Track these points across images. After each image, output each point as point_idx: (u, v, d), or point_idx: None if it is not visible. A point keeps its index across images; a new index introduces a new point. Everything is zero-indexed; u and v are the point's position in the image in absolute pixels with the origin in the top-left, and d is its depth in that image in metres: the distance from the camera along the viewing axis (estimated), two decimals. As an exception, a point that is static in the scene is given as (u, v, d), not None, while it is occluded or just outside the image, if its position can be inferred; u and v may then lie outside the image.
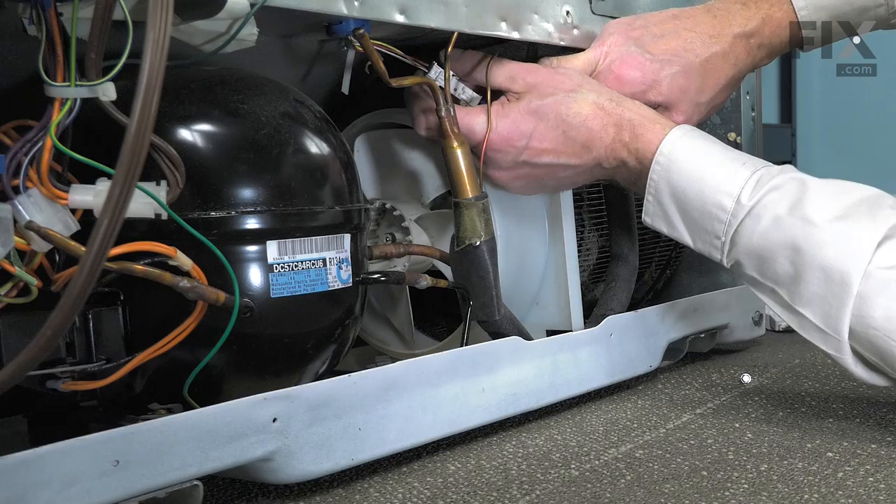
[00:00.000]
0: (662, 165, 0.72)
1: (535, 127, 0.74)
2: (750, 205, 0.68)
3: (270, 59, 0.77)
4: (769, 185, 0.68)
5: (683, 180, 0.71)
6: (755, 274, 0.70)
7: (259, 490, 0.63)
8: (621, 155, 0.74)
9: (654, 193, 0.72)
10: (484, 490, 0.62)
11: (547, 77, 0.76)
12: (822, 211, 0.66)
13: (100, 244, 0.41)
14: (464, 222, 0.75)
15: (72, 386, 0.57)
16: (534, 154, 0.75)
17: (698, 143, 0.72)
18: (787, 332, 1.16)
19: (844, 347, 0.66)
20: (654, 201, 0.73)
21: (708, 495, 0.59)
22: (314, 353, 0.66)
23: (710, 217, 0.70)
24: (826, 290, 0.65)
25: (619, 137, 0.74)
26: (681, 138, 0.72)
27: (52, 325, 0.42)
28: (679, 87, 0.79)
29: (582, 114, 0.74)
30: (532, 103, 0.75)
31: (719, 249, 0.71)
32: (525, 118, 0.74)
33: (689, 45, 0.80)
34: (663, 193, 0.72)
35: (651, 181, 0.72)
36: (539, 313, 0.85)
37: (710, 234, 0.71)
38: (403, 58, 0.73)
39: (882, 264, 0.64)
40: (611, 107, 0.75)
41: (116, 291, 0.59)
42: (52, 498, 0.46)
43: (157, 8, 0.42)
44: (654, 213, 0.73)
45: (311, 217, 0.63)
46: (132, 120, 0.41)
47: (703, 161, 0.71)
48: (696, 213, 0.71)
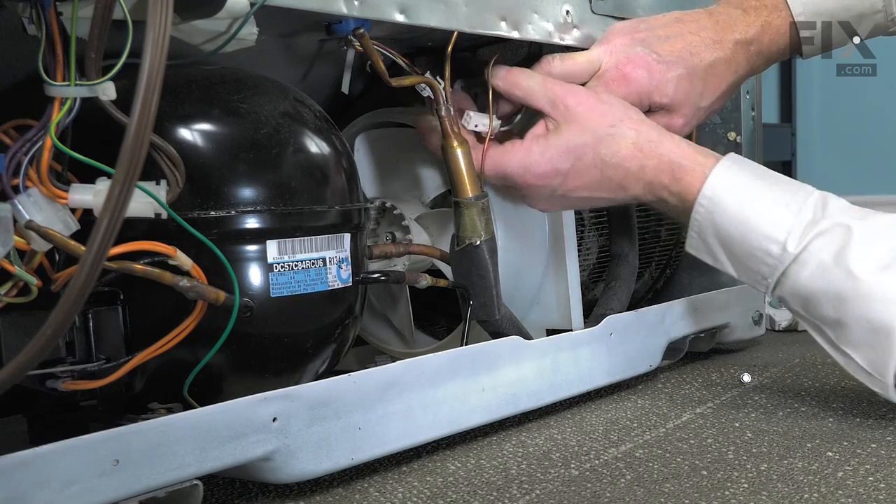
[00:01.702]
0: (706, 207, 0.72)
1: (572, 165, 0.74)
2: (795, 252, 0.69)
3: (270, 58, 0.77)
4: (815, 230, 0.69)
5: (728, 223, 0.71)
6: (801, 310, 0.72)
7: (259, 490, 0.63)
8: (661, 195, 0.75)
9: (697, 230, 0.73)
10: (484, 489, 0.62)
11: (589, 108, 0.75)
12: (865, 263, 0.67)
13: (100, 243, 0.41)
14: (464, 222, 0.75)
15: (72, 385, 0.57)
16: (569, 190, 0.75)
17: (742, 182, 0.72)
18: (787, 331, 1.16)
19: (890, 390, 0.68)
20: (697, 237, 0.74)
21: (708, 495, 0.59)
22: (314, 353, 0.66)
23: (755, 260, 0.71)
24: (871, 339, 0.67)
25: (657, 180, 0.74)
26: (724, 177, 0.72)
27: (52, 325, 0.42)
28: (683, 90, 0.79)
29: (620, 154, 0.74)
30: (571, 141, 0.74)
31: (764, 286, 0.72)
32: (563, 156, 0.74)
33: (694, 49, 0.80)
34: (707, 232, 0.73)
35: (694, 221, 0.73)
36: (539, 313, 0.85)
37: (756, 273, 0.72)
38: (405, 64, 0.73)
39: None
40: (649, 147, 0.74)
41: (116, 291, 0.59)
42: (51, 497, 0.46)
43: (156, 7, 0.42)
44: (697, 246, 0.74)
45: (311, 216, 0.63)
46: (132, 119, 0.41)
47: (747, 205, 0.71)
48: (741, 254, 0.72)
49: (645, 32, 0.80)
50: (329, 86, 0.84)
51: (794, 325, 1.16)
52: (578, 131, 0.74)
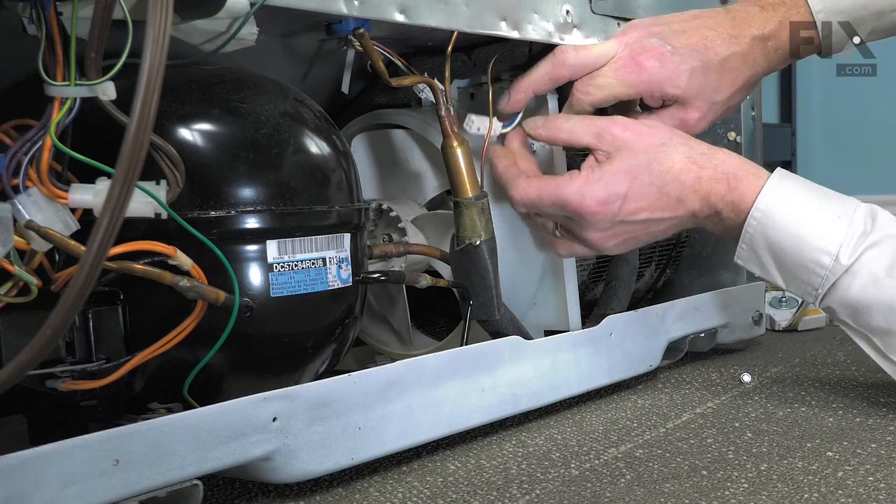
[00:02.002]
0: (758, 220, 0.73)
1: (629, 187, 0.74)
2: (848, 264, 0.70)
3: (270, 58, 0.78)
4: (867, 242, 0.70)
5: (780, 235, 0.72)
6: (849, 321, 0.73)
7: (259, 489, 0.63)
8: (717, 207, 0.74)
9: (748, 242, 0.74)
10: (484, 489, 0.62)
11: (636, 132, 0.75)
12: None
13: (100, 243, 0.41)
14: (464, 222, 0.75)
15: (72, 385, 0.57)
16: (629, 213, 0.75)
17: (793, 195, 0.73)
18: (787, 331, 1.16)
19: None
20: (748, 248, 0.74)
21: (708, 494, 0.59)
22: (314, 353, 0.66)
23: (806, 270, 0.72)
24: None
25: (713, 190, 0.74)
26: (776, 190, 0.73)
27: (52, 325, 0.42)
28: (697, 82, 0.79)
29: (675, 169, 0.74)
30: (624, 164, 0.74)
31: (813, 296, 0.73)
32: (619, 179, 0.74)
33: (710, 43, 0.80)
34: (758, 245, 0.73)
35: (746, 233, 0.73)
36: (537, 313, 0.85)
37: (806, 283, 0.73)
38: (403, 65, 0.73)
39: None
40: (703, 160, 0.75)
41: (116, 291, 0.59)
42: (51, 497, 0.46)
43: (156, 7, 0.42)
44: (746, 257, 0.75)
45: (310, 216, 0.63)
46: (132, 119, 0.41)
47: (799, 217, 0.72)
48: (792, 266, 0.73)
49: (661, 27, 0.81)
50: (329, 86, 0.84)
51: (794, 325, 1.16)
52: (630, 154, 0.74)
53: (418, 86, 0.75)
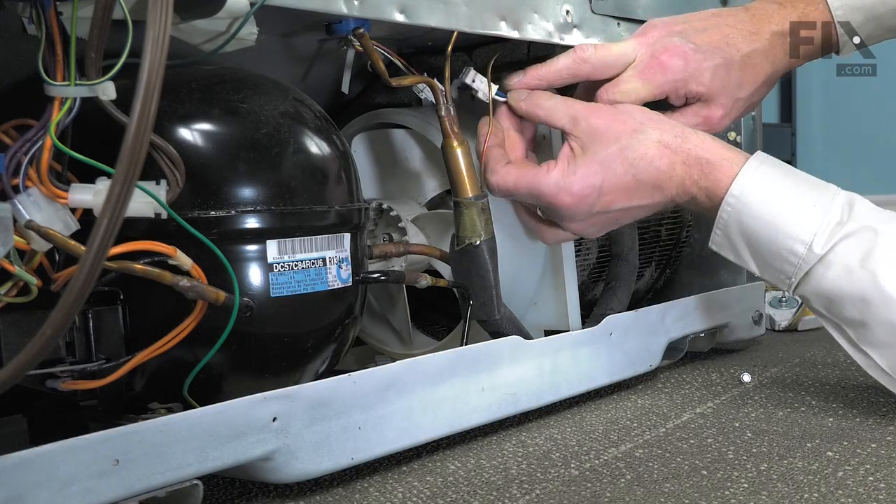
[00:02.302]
0: (733, 206, 0.72)
1: (604, 178, 0.74)
2: (821, 253, 0.70)
3: (270, 58, 0.77)
4: (842, 232, 0.70)
5: (754, 222, 0.72)
6: (822, 310, 0.73)
7: (259, 489, 0.63)
8: (692, 191, 0.74)
9: (723, 228, 0.74)
10: (484, 489, 0.62)
11: (608, 120, 0.75)
12: (891, 267, 0.68)
13: (99, 243, 0.41)
14: (464, 222, 0.75)
15: (72, 385, 0.57)
16: (606, 204, 0.75)
17: (770, 181, 0.73)
18: (787, 331, 1.16)
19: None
20: (722, 234, 0.74)
21: (708, 494, 0.59)
22: (314, 353, 0.66)
23: (780, 259, 0.72)
24: (893, 341, 0.69)
25: (688, 174, 0.74)
26: (753, 175, 0.72)
27: (52, 325, 0.42)
28: (720, 79, 0.79)
29: (648, 155, 0.74)
30: (598, 154, 0.74)
31: (786, 285, 0.73)
32: (593, 171, 0.74)
33: (731, 40, 0.80)
34: (733, 231, 0.73)
35: (720, 219, 0.73)
36: (536, 313, 0.85)
37: (779, 272, 0.72)
38: (403, 65, 0.73)
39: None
40: (676, 143, 0.74)
41: (116, 291, 0.59)
42: (51, 497, 0.46)
43: (156, 7, 0.42)
44: (721, 244, 0.75)
45: (310, 216, 0.63)
46: (132, 119, 0.41)
47: (774, 204, 0.72)
48: (766, 253, 0.72)
49: (682, 25, 0.80)
50: (329, 86, 0.84)
51: (794, 325, 1.16)
52: (603, 143, 0.74)
53: (418, 86, 0.75)
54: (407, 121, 0.83)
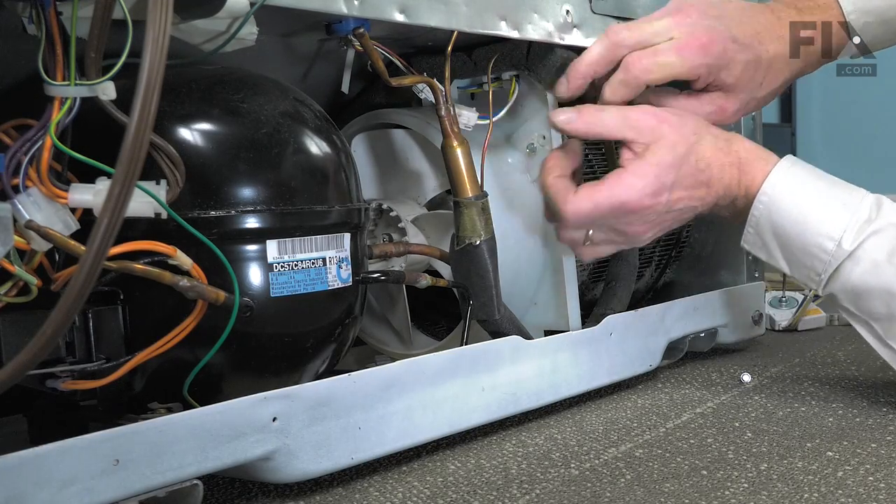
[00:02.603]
0: (765, 203, 0.74)
1: (675, 177, 0.74)
2: (850, 249, 0.72)
3: (270, 58, 0.77)
4: (870, 229, 0.72)
5: (785, 219, 0.74)
6: (850, 307, 0.74)
7: (259, 489, 0.63)
8: (734, 192, 0.76)
9: (754, 226, 0.76)
10: (484, 489, 0.62)
11: (672, 123, 0.76)
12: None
13: (99, 243, 0.41)
14: (464, 221, 0.75)
15: (72, 385, 0.57)
16: (674, 202, 0.75)
17: (801, 181, 0.75)
18: (787, 331, 1.16)
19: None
20: (754, 233, 0.76)
21: (708, 494, 0.59)
22: (314, 353, 0.66)
23: (810, 255, 0.74)
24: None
25: (733, 176, 0.76)
26: (784, 175, 0.75)
27: (52, 325, 0.42)
28: (748, 75, 0.79)
29: (706, 157, 0.75)
30: (668, 156, 0.74)
31: (816, 282, 0.75)
32: (666, 171, 0.74)
33: (762, 39, 0.80)
34: (764, 228, 0.75)
35: (752, 216, 0.75)
36: (536, 313, 0.85)
37: (809, 269, 0.74)
38: (402, 65, 0.73)
39: None
40: (727, 147, 0.76)
41: (116, 291, 0.59)
42: (51, 497, 0.46)
43: (156, 7, 0.42)
44: (752, 242, 0.77)
45: (311, 216, 0.63)
46: (132, 119, 0.41)
47: (804, 202, 0.74)
48: (796, 250, 0.74)
49: (718, 11, 0.79)
50: (329, 85, 0.84)
51: (794, 325, 1.16)
52: (670, 145, 0.74)
53: (418, 86, 0.75)
54: (407, 121, 0.83)
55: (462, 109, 0.76)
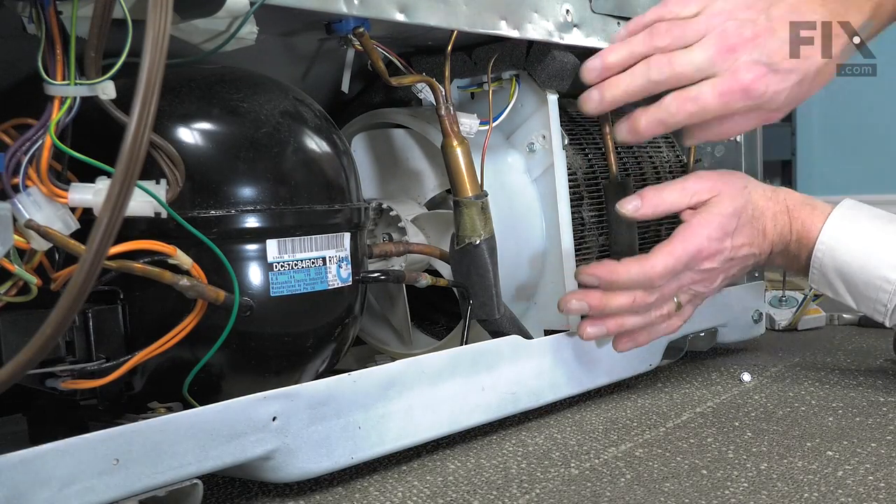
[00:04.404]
0: (826, 244, 0.79)
1: (736, 226, 0.79)
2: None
3: (270, 57, 0.77)
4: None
5: (848, 258, 0.79)
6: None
7: (259, 488, 0.63)
8: (787, 238, 0.81)
9: (818, 267, 0.80)
10: (484, 489, 0.62)
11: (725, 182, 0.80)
12: None
13: (99, 243, 0.41)
14: (463, 221, 0.75)
15: (71, 385, 0.57)
16: (737, 248, 0.79)
17: (857, 220, 0.80)
18: (787, 331, 1.16)
19: None
20: (818, 273, 0.80)
21: (708, 494, 0.59)
22: (314, 352, 0.66)
23: (874, 288, 0.78)
24: None
25: (785, 222, 0.81)
26: (841, 218, 0.80)
27: (52, 324, 0.42)
28: (793, 96, 0.78)
29: (759, 206, 0.80)
30: (729, 207, 0.78)
31: (882, 314, 0.78)
32: (728, 220, 0.78)
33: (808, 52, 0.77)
34: (828, 268, 0.80)
35: (815, 258, 0.80)
36: (536, 313, 0.85)
37: (875, 301, 0.78)
38: (402, 65, 0.73)
39: None
40: (774, 196, 0.81)
41: (116, 290, 0.59)
42: (51, 496, 0.46)
43: (156, 6, 0.42)
44: (818, 281, 0.81)
45: (311, 216, 0.63)
46: (132, 118, 0.41)
47: (865, 239, 0.79)
48: (860, 284, 0.79)
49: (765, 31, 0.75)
50: (329, 85, 0.84)
51: (794, 325, 1.16)
52: (729, 199, 0.79)
53: (417, 85, 0.75)
54: (407, 121, 0.83)
55: (463, 117, 0.75)
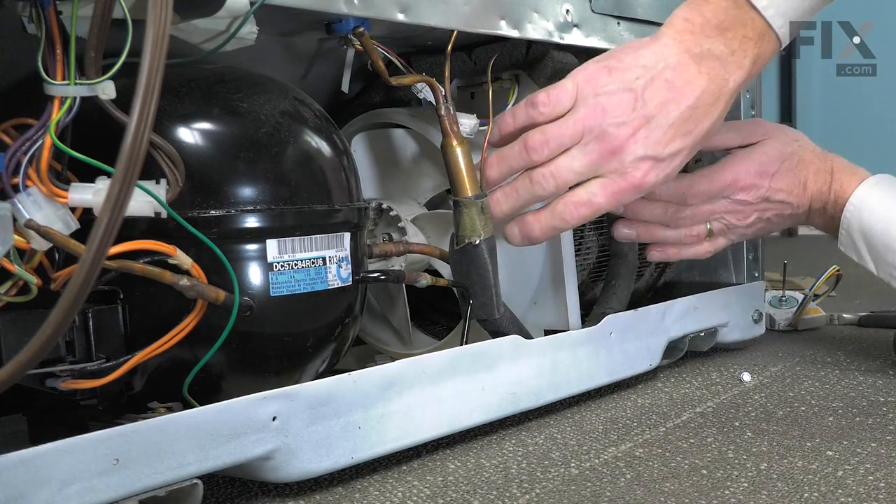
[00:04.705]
0: (855, 206, 0.82)
1: (778, 168, 0.84)
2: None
3: (270, 57, 0.78)
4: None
5: (872, 219, 0.82)
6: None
7: (259, 489, 0.63)
8: (825, 197, 0.84)
9: (846, 228, 0.83)
10: (484, 488, 0.62)
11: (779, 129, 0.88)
12: None
13: (99, 242, 0.41)
14: (463, 221, 0.75)
15: (71, 384, 0.57)
16: (774, 192, 0.84)
17: (889, 190, 0.83)
18: (787, 331, 1.16)
19: None
20: (846, 234, 0.83)
21: (708, 494, 0.59)
22: (314, 352, 0.66)
23: (892, 251, 0.80)
24: None
25: (826, 181, 0.84)
26: (874, 184, 0.83)
27: (52, 324, 0.42)
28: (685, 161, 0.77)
29: (805, 159, 0.85)
30: (777, 149, 0.84)
31: None
32: (770, 161, 0.84)
33: (694, 125, 0.74)
34: (854, 230, 0.83)
35: (845, 218, 0.83)
36: (536, 313, 0.85)
37: (891, 265, 0.81)
38: (401, 64, 0.73)
39: None
40: (823, 156, 0.86)
41: (116, 290, 0.59)
42: (51, 496, 0.46)
43: (156, 6, 0.42)
44: (846, 244, 0.84)
45: (310, 215, 0.63)
46: (132, 118, 0.41)
47: (891, 205, 0.82)
48: (880, 247, 0.81)
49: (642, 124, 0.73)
50: (329, 85, 0.84)
51: (794, 325, 1.16)
52: (777, 143, 0.85)
53: (417, 85, 0.75)
54: (407, 121, 0.83)
55: (462, 117, 0.75)
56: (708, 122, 0.73)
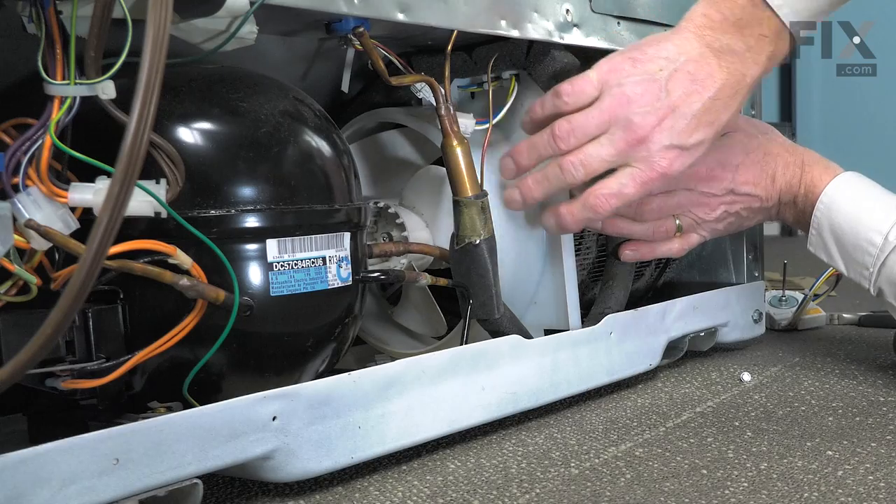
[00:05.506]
0: (825, 204, 0.80)
1: (742, 160, 0.83)
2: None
3: (270, 57, 0.78)
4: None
5: (841, 218, 0.80)
6: (894, 301, 0.78)
7: (259, 488, 0.63)
8: (795, 190, 0.82)
9: (816, 227, 0.81)
10: (484, 488, 0.62)
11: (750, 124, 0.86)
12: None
13: (99, 242, 0.41)
14: (463, 221, 0.75)
15: (71, 384, 0.57)
16: (738, 184, 0.83)
17: (858, 187, 0.81)
18: (787, 330, 1.16)
19: None
20: (816, 234, 0.81)
21: (708, 494, 0.59)
22: (314, 352, 0.66)
23: (861, 251, 0.78)
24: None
25: (795, 174, 0.83)
26: (843, 182, 0.81)
27: (52, 324, 0.42)
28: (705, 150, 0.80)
29: (772, 152, 0.83)
30: (742, 141, 0.83)
31: (867, 279, 0.79)
32: (733, 152, 0.83)
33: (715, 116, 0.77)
34: (824, 229, 0.81)
35: (815, 218, 0.81)
36: (536, 313, 0.85)
37: (861, 265, 0.79)
38: (401, 64, 0.73)
39: None
40: (793, 149, 0.84)
41: (116, 290, 0.59)
42: (51, 496, 0.46)
43: (156, 6, 0.42)
44: (816, 244, 0.82)
45: (310, 215, 0.63)
46: (131, 118, 0.41)
47: (860, 203, 0.80)
48: (850, 247, 0.79)
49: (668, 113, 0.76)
50: (329, 85, 0.84)
51: (794, 325, 1.16)
52: (746, 135, 0.84)
53: (417, 85, 0.75)
54: (407, 120, 0.83)
55: (459, 117, 0.75)
56: (727, 113, 0.75)
